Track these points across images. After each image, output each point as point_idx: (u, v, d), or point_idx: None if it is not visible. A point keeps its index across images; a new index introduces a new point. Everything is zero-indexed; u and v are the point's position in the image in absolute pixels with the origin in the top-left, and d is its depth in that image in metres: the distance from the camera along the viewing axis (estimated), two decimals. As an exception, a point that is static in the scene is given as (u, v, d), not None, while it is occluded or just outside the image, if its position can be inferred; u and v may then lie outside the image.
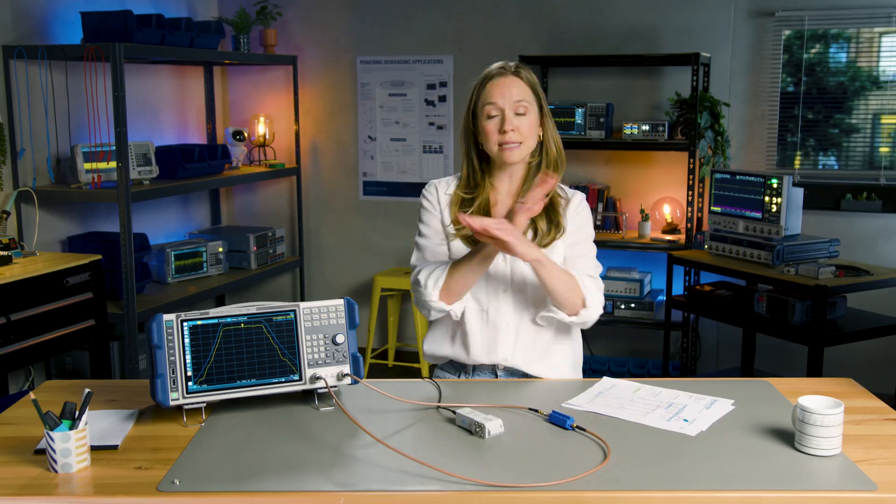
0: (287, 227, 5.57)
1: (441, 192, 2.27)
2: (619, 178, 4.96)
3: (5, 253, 3.56)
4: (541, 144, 2.23)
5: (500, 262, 2.19)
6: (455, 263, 2.14)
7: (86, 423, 1.67)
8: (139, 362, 4.14)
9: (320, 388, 1.94)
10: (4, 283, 3.34)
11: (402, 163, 5.39)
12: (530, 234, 2.20)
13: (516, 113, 2.14)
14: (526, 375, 2.24)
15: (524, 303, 2.20)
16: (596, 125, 4.66)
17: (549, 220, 2.20)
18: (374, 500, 1.56)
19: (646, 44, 4.83)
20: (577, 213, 2.26)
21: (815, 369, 3.69)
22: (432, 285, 2.13)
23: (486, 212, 2.20)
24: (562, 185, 2.28)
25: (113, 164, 4.05)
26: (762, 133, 4.76)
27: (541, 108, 2.20)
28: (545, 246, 2.18)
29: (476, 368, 2.26)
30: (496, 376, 2.25)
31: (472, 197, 2.23)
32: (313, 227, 5.63)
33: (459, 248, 2.21)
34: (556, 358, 2.25)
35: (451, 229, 2.22)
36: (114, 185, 4.07)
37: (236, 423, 1.87)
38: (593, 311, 2.16)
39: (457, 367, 2.29)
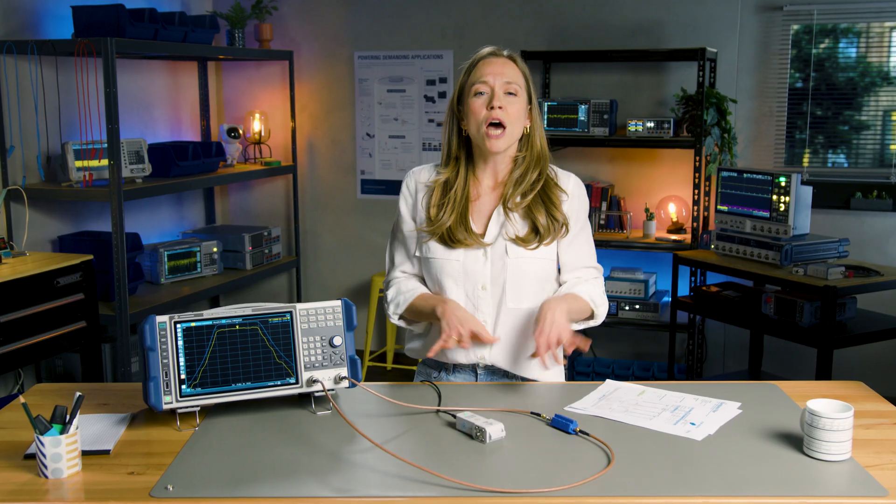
0: (283, 227, 5.52)
1: (420, 181, 2.24)
2: (624, 177, 4.91)
3: (-7, 253, 3.53)
4: (527, 138, 2.19)
5: (480, 261, 2.16)
6: (416, 302, 2.16)
7: (77, 428, 1.65)
8: (131, 365, 4.11)
9: (317, 392, 1.92)
10: (-8, 285, 3.30)
11: (401, 160, 5.34)
12: (527, 228, 2.17)
13: (506, 93, 2.11)
14: (505, 374, 2.22)
15: (502, 300, 2.16)
16: (599, 122, 4.61)
17: (550, 216, 2.17)
18: (372, 506, 1.54)
19: (650, 39, 4.79)
20: (575, 203, 2.23)
21: (824, 372, 3.68)
22: (394, 308, 2.22)
23: (465, 205, 2.17)
24: (554, 168, 2.24)
25: (105, 162, 4.01)
26: (770, 130, 4.71)
27: (530, 98, 2.17)
28: (547, 244, 2.16)
29: (456, 367, 2.23)
30: (476, 376, 2.23)
31: (450, 186, 2.18)
32: (310, 226, 5.58)
33: (434, 247, 2.18)
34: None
35: (424, 225, 2.18)
36: (105, 183, 4.02)
37: (231, 428, 1.85)
38: (600, 318, 2.22)
39: (438, 364, 2.27)
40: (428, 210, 2.18)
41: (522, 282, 2.14)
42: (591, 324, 2.20)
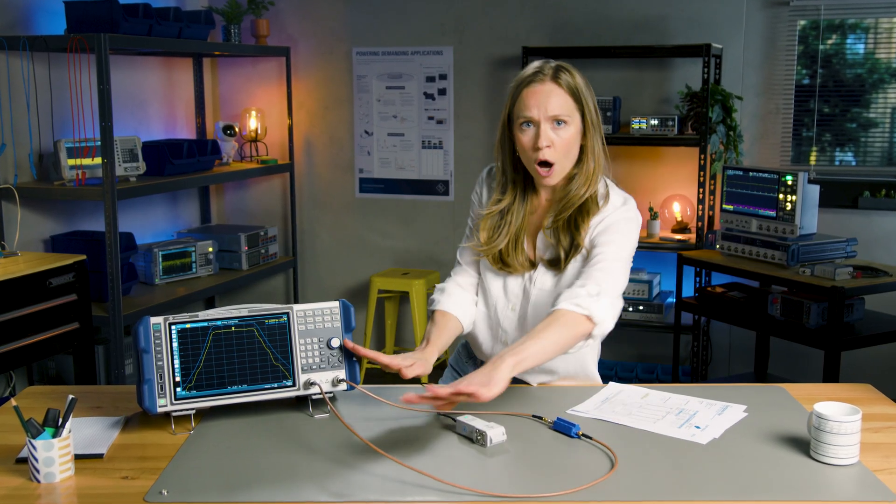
0: (280, 226, 5.48)
1: (486, 194, 2.24)
2: (627, 175, 4.86)
3: (-17, 253, 3.51)
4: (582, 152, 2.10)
5: (518, 283, 2.16)
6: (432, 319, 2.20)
7: (69, 431, 1.65)
8: (125, 367, 4.08)
9: (315, 395, 1.92)
10: (-17, 285, 3.28)
11: (401, 159, 5.29)
12: (550, 252, 2.12)
13: (555, 121, 2.02)
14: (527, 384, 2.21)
15: (523, 324, 2.17)
16: (603, 119, 4.49)
17: (571, 239, 2.09)
18: (370, 510, 1.54)
19: (654, 35, 4.74)
20: (612, 219, 2.11)
21: (831, 374, 3.65)
22: (429, 307, 2.26)
23: (519, 230, 2.15)
24: (609, 185, 2.16)
25: (98, 160, 3.99)
26: (776, 128, 4.66)
27: (583, 114, 2.05)
28: (566, 263, 2.10)
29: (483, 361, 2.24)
30: None
31: (507, 211, 2.15)
32: (307, 226, 5.53)
33: (486, 265, 2.20)
34: (557, 371, 2.19)
35: (478, 244, 2.19)
36: (99, 181, 3.99)
37: (227, 431, 1.85)
38: (605, 326, 2.01)
39: (469, 354, 2.32)
40: (483, 231, 2.17)
41: (541, 312, 2.10)
42: (591, 343, 2.07)
